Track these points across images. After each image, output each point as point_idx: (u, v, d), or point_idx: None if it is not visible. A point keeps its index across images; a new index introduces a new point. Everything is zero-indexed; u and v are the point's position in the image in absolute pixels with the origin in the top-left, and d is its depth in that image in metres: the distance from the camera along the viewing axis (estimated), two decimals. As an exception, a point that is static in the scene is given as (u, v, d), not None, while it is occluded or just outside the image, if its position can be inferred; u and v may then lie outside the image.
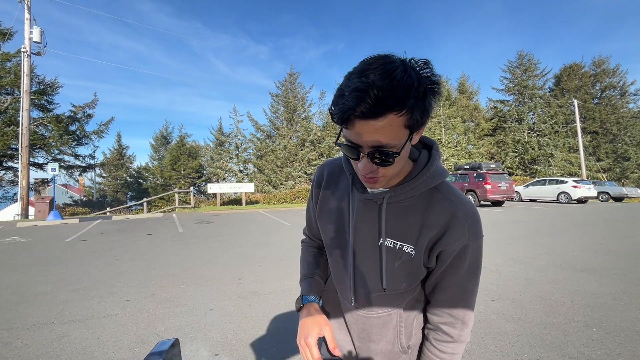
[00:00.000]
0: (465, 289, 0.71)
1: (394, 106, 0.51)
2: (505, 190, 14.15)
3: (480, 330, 2.61)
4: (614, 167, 28.61)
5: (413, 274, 0.71)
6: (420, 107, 0.54)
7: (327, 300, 0.88)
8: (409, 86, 0.51)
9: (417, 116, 0.55)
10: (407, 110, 0.53)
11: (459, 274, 0.70)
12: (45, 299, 3.47)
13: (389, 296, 0.74)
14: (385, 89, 0.50)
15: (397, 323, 0.76)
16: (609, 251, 5.28)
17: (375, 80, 0.50)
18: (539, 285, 3.65)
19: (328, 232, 0.81)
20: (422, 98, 0.54)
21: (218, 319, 2.89)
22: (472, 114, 30.22)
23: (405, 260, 0.69)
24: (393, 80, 0.50)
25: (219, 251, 5.86)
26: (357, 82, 0.52)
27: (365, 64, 0.54)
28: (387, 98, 0.51)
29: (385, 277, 0.71)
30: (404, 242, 0.69)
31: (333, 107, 0.56)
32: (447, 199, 0.68)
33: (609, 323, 2.68)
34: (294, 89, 25.45)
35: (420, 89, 0.53)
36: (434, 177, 0.68)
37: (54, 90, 18.87)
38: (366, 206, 0.72)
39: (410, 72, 0.52)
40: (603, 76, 29.97)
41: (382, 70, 0.51)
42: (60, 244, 6.85)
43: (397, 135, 0.55)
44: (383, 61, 0.53)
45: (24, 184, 13.12)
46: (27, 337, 2.58)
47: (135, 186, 30.06)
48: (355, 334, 0.80)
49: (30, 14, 13.35)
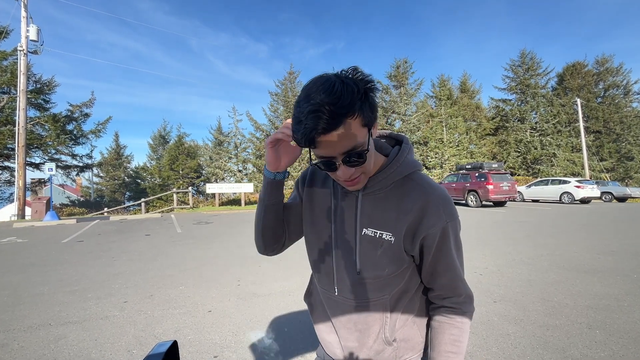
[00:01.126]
0: (457, 267, 0.77)
1: (346, 113, 0.59)
2: (507, 190, 14.15)
3: (482, 332, 2.61)
4: (618, 167, 28.58)
5: (395, 260, 0.75)
6: (367, 105, 0.63)
7: (313, 300, 0.92)
8: (350, 93, 0.59)
9: (368, 114, 0.63)
10: (357, 112, 0.61)
11: (450, 255, 0.75)
12: (42, 300, 3.47)
13: (372, 284, 0.77)
14: (334, 102, 0.58)
15: (382, 313, 0.78)
16: (612, 252, 5.28)
17: (322, 99, 0.58)
18: (542, 287, 3.66)
19: (312, 226, 0.86)
20: (365, 98, 0.62)
21: (217, 321, 2.89)
22: (473, 113, 30.19)
23: (386, 248, 0.74)
24: (336, 93, 0.58)
25: (217, 252, 5.86)
26: (308, 105, 0.59)
27: (307, 90, 0.62)
28: (338, 109, 0.58)
29: (359, 261, 0.76)
30: (383, 230, 0.74)
31: (295, 135, 0.63)
32: (419, 186, 0.75)
33: (613, 325, 2.68)
34: (294, 88, 25.43)
35: (360, 91, 0.61)
36: (405, 166, 0.76)
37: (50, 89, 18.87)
38: (345, 199, 0.80)
39: (346, 81, 0.61)
40: (606, 75, 29.93)
41: (324, 89, 0.59)
42: (57, 245, 6.85)
43: (359, 135, 0.63)
44: (321, 81, 0.61)
45: (21, 184, 13.12)
46: (23, 339, 2.59)
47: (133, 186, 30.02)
48: (342, 326, 0.82)
49: (27, 12, 13.36)
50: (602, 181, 21.07)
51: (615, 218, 9.95)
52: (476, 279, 3.96)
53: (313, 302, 0.92)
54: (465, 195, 14.76)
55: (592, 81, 30.20)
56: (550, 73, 29.87)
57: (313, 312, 0.92)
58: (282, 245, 0.90)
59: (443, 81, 28.58)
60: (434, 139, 25.71)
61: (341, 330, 0.82)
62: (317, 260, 0.86)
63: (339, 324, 0.82)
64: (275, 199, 0.83)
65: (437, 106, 27.50)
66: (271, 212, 0.84)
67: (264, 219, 0.85)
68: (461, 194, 14.90)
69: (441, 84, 28.36)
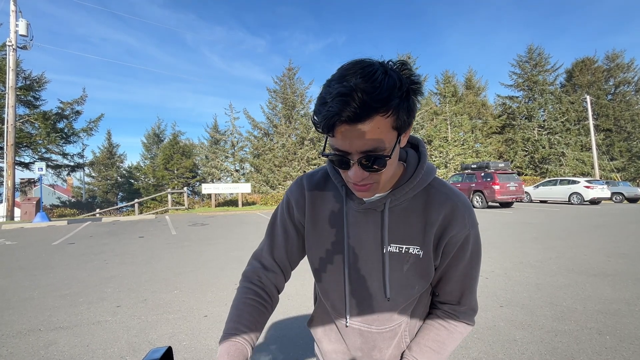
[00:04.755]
0: (470, 277, 0.75)
1: (379, 107, 0.53)
2: (514, 190, 14.16)
3: (489, 337, 2.61)
4: (629, 167, 28.61)
5: (424, 275, 0.73)
6: (405, 107, 0.56)
7: (317, 315, 0.86)
8: (391, 87, 0.53)
9: (403, 116, 0.57)
10: (392, 110, 0.54)
11: (464, 264, 0.73)
12: (31, 305, 3.47)
13: (396, 308, 0.75)
14: (369, 91, 0.52)
15: (402, 332, 0.78)
16: (623, 255, 5.28)
17: (357, 83, 0.52)
18: (550, 291, 3.66)
19: (319, 251, 0.79)
20: (406, 98, 0.56)
21: (213, 326, 2.89)
22: (479, 110, 30.23)
23: (413, 262, 0.71)
24: (375, 81, 0.52)
25: (214, 255, 5.86)
26: (339, 87, 0.53)
27: (343, 70, 0.56)
28: (372, 99, 0.52)
29: (389, 285, 0.72)
30: (410, 244, 0.71)
31: (316, 117, 0.57)
32: (442, 193, 0.72)
33: (623, 330, 2.68)
34: (293, 84, 25.46)
35: (402, 89, 0.55)
36: (428, 174, 0.72)
37: (40, 85, 18.90)
38: (366, 215, 0.73)
39: (390, 73, 0.54)
40: (617, 71, 29.98)
41: (363, 74, 0.53)
42: (47, 247, 6.85)
43: (385, 138, 0.57)
44: (362, 65, 0.55)
45: (10, 184, 13.12)
46: (12, 345, 2.59)
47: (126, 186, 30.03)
48: (355, 346, 0.79)
49: (16, 5, 13.37)
50: (613, 181, 21.09)
51: (626, 220, 9.95)
52: (482, 283, 3.96)
53: (319, 328, 0.86)
54: (470, 196, 14.78)
55: (602, 77, 30.24)
56: (558, 69, 29.94)
57: (320, 340, 0.86)
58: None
59: (448, 77, 28.60)
60: (438, 138, 25.74)
61: (353, 349, 0.80)
62: (328, 287, 0.79)
63: (350, 343, 0.80)
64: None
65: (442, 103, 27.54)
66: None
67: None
68: (466, 194, 14.80)
69: (446, 80, 28.38)
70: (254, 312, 0.74)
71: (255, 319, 0.73)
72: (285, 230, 0.82)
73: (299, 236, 0.82)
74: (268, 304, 0.78)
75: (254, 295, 0.77)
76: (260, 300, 0.77)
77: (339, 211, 0.76)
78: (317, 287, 0.84)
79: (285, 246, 0.82)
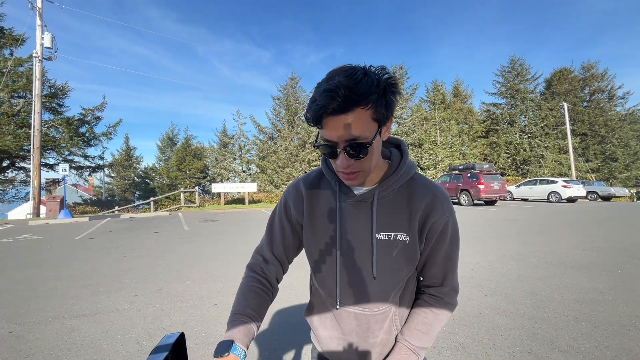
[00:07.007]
0: (451, 259, 0.77)
1: (360, 101, 0.57)
2: (498, 190, 14.14)
3: (474, 324, 2.61)
4: (602, 168, 28.57)
5: (410, 259, 0.74)
6: (383, 102, 0.60)
7: (313, 304, 0.85)
8: (370, 84, 0.58)
9: (382, 110, 0.61)
10: (372, 104, 0.59)
11: (445, 247, 0.76)
12: (56, 294, 3.47)
13: (385, 290, 0.75)
14: (351, 87, 0.57)
15: (392, 315, 0.78)
16: (597, 248, 5.28)
17: (341, 81, 0.57)
18: (530, 281, 3.65)
19: (316, 243, 0.79)
20: (384, 94, 0.60)
21: (222, 314, 2.89)
22: (466, 116, 30.16)
23: (401, 248, 0.73)
24: (356, 80, 0.57)
25: (223, 248, 5.86)
26: (326, 85, 0.58)
27: (330, 73, 0.61)
28: (353, 94, 0.57)
29: (377, 266, 0.73)
30: (397, 231, 0.73)
31: (308, 113, 0.61)
32: (423, 185, 0.75)
33: (598, 317, 2.68)
34: (295, 92, 25.41)
35: (380, 86, 0.59)
36: (410, 167, 0.76)
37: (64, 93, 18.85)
38: (357, 207, 0.75)
39: (369, 74, 0.59)
40: (592, 80, 29.92)
41: (346, 74, 0.58)
42: (70, 242, 6.85)
43: (367, 128, 0.61)
44: (346, 68, 0.60)
45: (36, 183, 13.11)
46: (38, 331, 2.59)
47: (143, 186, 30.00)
48: (349, 329, 0.78)
49: (41, 20, 13.35)
50: (588, 181, 21.06)
51: (600, 216, 9.94)
52: (468, 274, 3.96)
53: (315, 316, 0.84)
54: (457, 195, 14.75)
55: (578, 86, 30.21)
56: (538, 78, 29.94)
57: (317, 328, 0.83)
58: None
59: (437, 86, 28.55)
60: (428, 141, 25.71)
61: (348, 333, 0.78)
62: (325, 275, 0.79)
63: (344, 327, 0.78)
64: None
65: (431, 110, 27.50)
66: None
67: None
68: (454, 193, 14.89)
69: (435, 88, 28.34)
70: (258, 297, 0.77)
71: (259, 303, 0.76)
72: (283, 228, 0.84)
73: (294, 234, 0.84)
74: (270, 291, 0.81)
75: (258, 283, 0.79)
76: (263, 287, 0.79)
77: (333, 205, 0.78)
78: (313, 277, 0.84)
79: (282, 242, 0.84)
